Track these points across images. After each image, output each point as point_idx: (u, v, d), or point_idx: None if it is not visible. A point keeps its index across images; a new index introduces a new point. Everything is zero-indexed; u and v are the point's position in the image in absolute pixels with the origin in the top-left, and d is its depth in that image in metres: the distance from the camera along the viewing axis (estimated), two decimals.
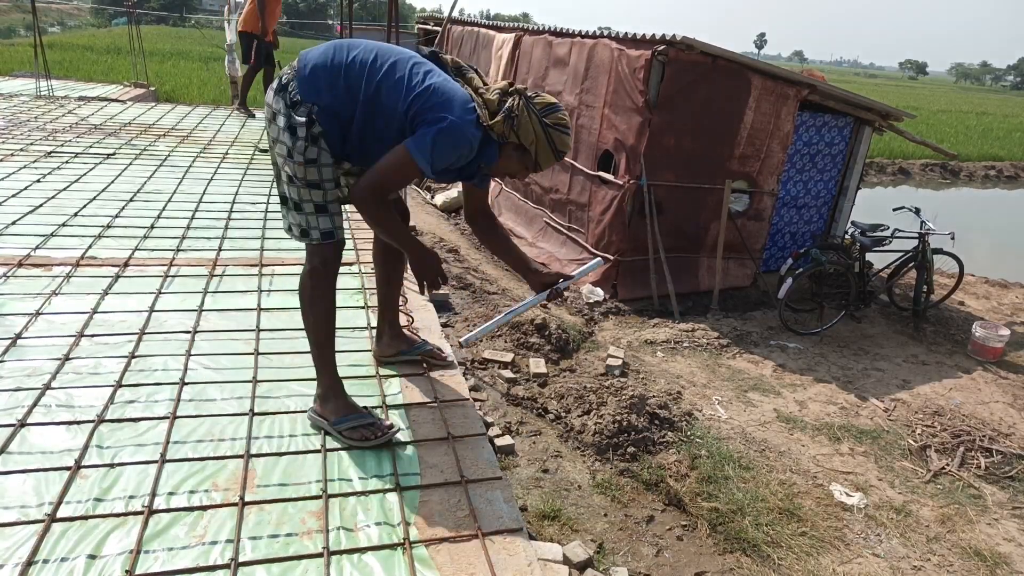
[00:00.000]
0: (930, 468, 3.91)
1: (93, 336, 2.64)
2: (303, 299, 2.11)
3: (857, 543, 3.25)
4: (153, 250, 3.58)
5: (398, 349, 2.60)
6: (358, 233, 4.03)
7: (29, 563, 1.59)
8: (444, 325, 3.07)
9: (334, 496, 1.90)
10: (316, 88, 1.93)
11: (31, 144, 5.55)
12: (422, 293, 2.22)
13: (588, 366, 4.74)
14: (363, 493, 1.92)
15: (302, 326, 2.83)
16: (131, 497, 1.83)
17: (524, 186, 7.58)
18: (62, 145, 5.60)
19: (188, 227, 3.93)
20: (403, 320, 2.96)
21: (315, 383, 2.43)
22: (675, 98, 5.62)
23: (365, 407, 2.21)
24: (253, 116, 7.86)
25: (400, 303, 3.14)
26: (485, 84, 2.06)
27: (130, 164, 5.20)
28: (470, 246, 7.28)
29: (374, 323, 2.99)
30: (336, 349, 2.18)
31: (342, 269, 2.88)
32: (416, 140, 1.90)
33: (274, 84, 2.00)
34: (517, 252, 2.41)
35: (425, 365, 2.62)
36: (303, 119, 1.92)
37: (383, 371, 2.60)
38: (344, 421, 2.12)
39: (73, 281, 3.12)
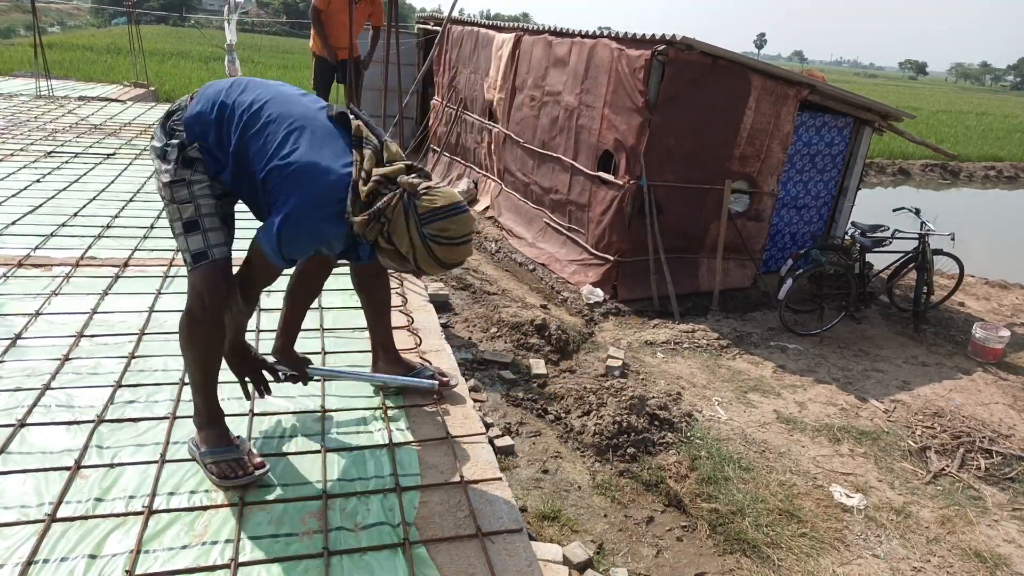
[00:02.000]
0: (930, 469, 3.91)
1: (93, 336, 2.64)
2: (180, 335, 1.88)
3: (857, 544, 3.25)
4: (153, 250, 3.57)
5: (397, 375, 2.41)
6: None
7: (29, 563, 1.59)
8: (444, 325, 3.06)
9: (334, 496, 1.90)
10: (203, 131, 1.79)
11: (31, 144, 5.55)
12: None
13: (588, 367, 4.74)
14: (363, 493, 1.92)
15: (301, 326, 2.85)
16: (131, 497, 1.83)
17: (524, 186, 7.58)
18: (62, 145, 5.60)
19: None
20: (403, 320, 2.95)
21: (317, 383, 2.44)
22: (675, 98, 5.62)
23: (239, 439, 1.98)
24: None
25: (401, 303, 3.14)
26: (386, 161, 1.74)
27: (130, 164, 5.20)
28: None
29: None
30: (336, 350, 2.17)
31: (341, 268, 2.87)
32: (265, 231, 1.72)
33: (161, 115, 1.88)
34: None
35: (436, 396, 2.41)
36: (175, 141, 1.79)
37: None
38: (211, 453, 1.90)
39: (73, 281, 3.12)
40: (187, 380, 1.99)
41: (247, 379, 2.12)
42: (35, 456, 1.96)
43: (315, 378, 2.30)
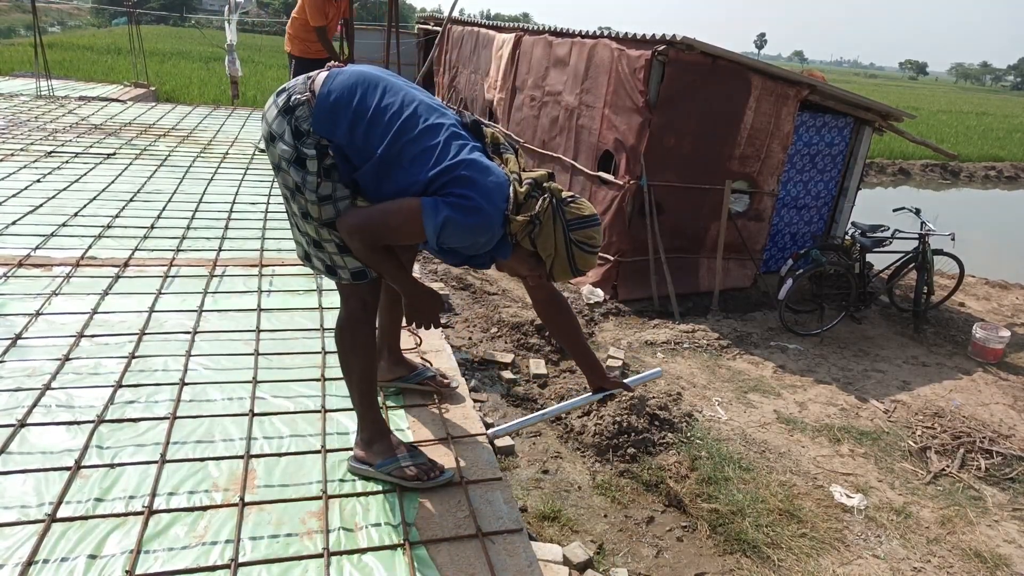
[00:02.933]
0: (930, 469, 3.91)
1: (93, 336, 2.64)
2: (342, 346, 1.89)
3: (857, 544, 3.25)
4: (153, 250, 3.57)
5: (398, 375, 2.39)
6: None
7: (29, 563, 1.59)
8: (444, 326, 3.06)
9: (334, 496, 1.90)
10: (333, 124, 1.67)
11: (31, 144, 5.55)
12: (410, 330, 2.05)
13: None
14: (363, 494, 1.92)
15: (302, 326, 2.86)
16: (131, 497, 1.83)
17: None
18: (62, 145, 5.60)
19: (188, 227, 3.93)
20: (403, 320, 2.95)
21: (318, 383, 2.44)
22: (675, 98, 5.62)
23: (413, 444, 2.03)
24: None
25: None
26: (522, 168, 1.77)
27: (130, 164, 5.20)
28: None
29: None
30: (335, 349, 2.15)
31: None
32: (436, 205, 1.62)
33: (278, 101, 1.72)
34: (584, 347, 2.20)
35: (436, 397, 2.40)
36: (312, 151, 1.66)
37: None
38: (392, 462, 1.91)
39: (73, 281, 3.12)
40: (350, 395, 1.95)
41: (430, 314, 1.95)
42: (35, 456, 1.96)
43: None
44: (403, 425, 2.27)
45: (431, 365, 2.54)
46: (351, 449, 2.11)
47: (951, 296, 6.51)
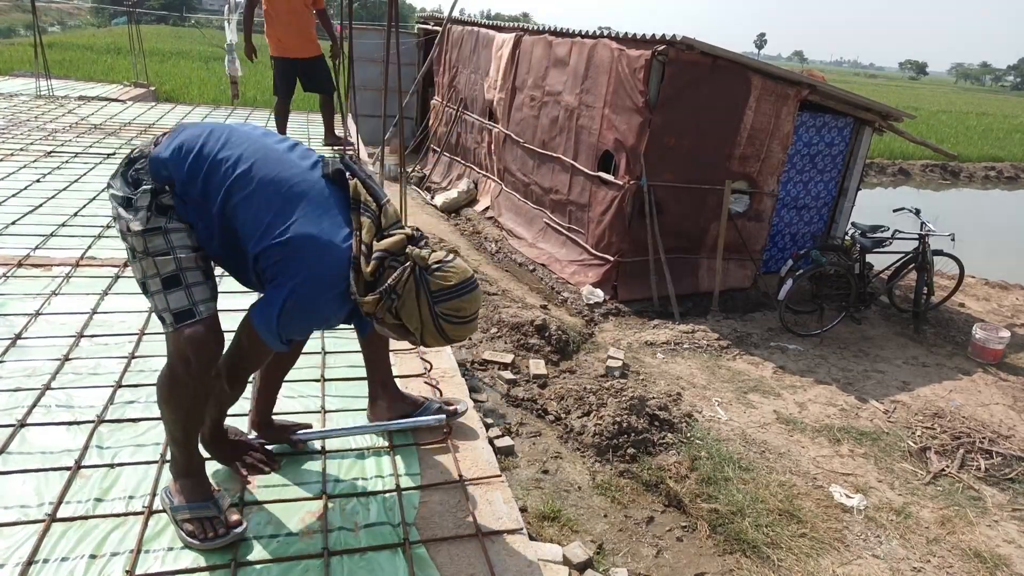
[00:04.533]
0: (930, 470, 3.91)
1: (93, 336, 2.64)
2: (160, 398, 1.67)
3: (857, 544, 3.25)
4: None
5: (402, 412, 2.18)
6: None
7: (29, 563, 1.59)
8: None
9: (334, 496, 1.90)
10: (176, 166, 1.57)
11: (31, 144, 5.55)
12: (241, 477, 1.88)
13: (588, 367, 4.74)
14: (363, 494, 1.92)
15: None
16: (131, 497, 1.83)
17: (524, 186, 7.58)
18: (62, 145, 5.60)
19: None
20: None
21: (317, 384, 2.44)
22: (675, 98, 5.62)
23: (218, 492, 1.77)
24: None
25: None
26: (385, 227, 1.61)
27: None
28: (470, 247, 7.29)
29: None
30: (338, 350, 2.13)
31: None
32: (260, 314, 1.57)
33: (119, 169, 1.63)
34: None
35: (445, 431, 2.22)
36: (147, 186, 1.56)
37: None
38: (186, 508, 1.69)
39: (73, 281, 3.12)
40: (165, 433, 1.79)
41: (237, 463, 1.93)
42: (35, 456, 1.96)
43: (310, 443, 2.10)
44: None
45: (435, 397, 2.37)
46: (351, 449, 2.11)
47: (951, 296, 6.51)
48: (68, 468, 1.90)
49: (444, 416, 2.22)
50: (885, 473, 3.85)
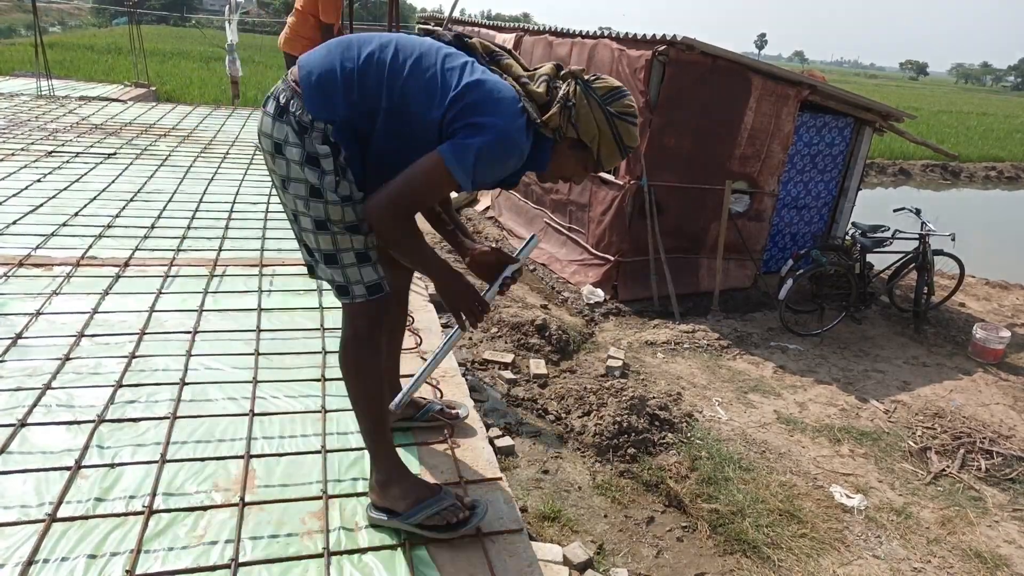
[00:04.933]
0: (930, 470, 3.91)
1: (93, 336, 2.64)
2: (347, 371, 1.72)
3: (857, 545, 3.24)
4: (153, 250, 3.57)
5: (405, 416, 2.16)
6: None
7: (29, 563, 1.59)
8: (444, 325, 3.05)
9: (334, 497, 1.90)
10: (328, 100, 1.53)
11: (32, 144, 5.55)
12: (462, 329, 1.79)
13: (588, 367, 4.74)
14: (363, 494, 1.91)
15: (302, 326, 2.86)
16: (131, 497, 1.83)
17: (524, 186, 7.58)
18: (63, 145, 5.60)
19: (188, 227, 3.93)
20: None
21: (318, 383, 2.44)
22: (675, 98, 5.62)
23: (438, 484, 1.84)
24: None
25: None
26: (527, 71, 1.67)
27: (131, 164, 5.20)
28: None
29: None
30: (338, 350, 2.11)
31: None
32: (455, 149, 1.51)
33: (267, 109, 1.59)
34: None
35: (447, 432, 2.21)
36: (324, 147, 1.53)
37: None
38: (420, 510, 1.73)
39: (73, 281, 3.12)
40: (360, 429, 1.79)
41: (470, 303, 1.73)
42: (35, 456, 1.96)
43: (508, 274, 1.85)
44: (403, 426, 2.26)
45: (437, 398, 2.34)
46: (351, 449, 2.11)
47: (951, 296, 6.51)
48: (68, 468, 1.90)
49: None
50: (885, 473, 3.85)
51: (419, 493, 1.75)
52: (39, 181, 4.54)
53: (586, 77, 1.62)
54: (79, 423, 2.11)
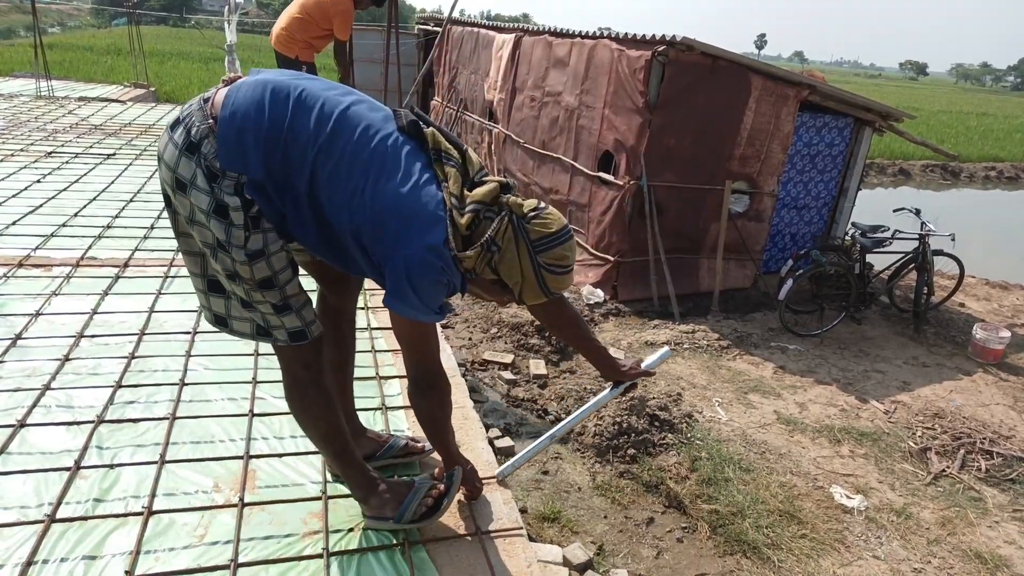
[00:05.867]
0: (931, 470, 3.91)
1: (93, 337, 2.64)
2: (296, 415, 1.69)
3: (857, 545, 3.24)
4: (153, 250, 3.57)
5: (362, 453, 1.93)
6: None
7: (29, 563, 1.59)
8: (444, 325, 3.05)
9: (334, 497, 1.90)
10: (243, 155, 1.37)
11: (31, 144, 5.55)
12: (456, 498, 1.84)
13: (588, 368, 4.74)
14: None
15: None
16: (131, 498, 1.83)
17: (524, 187, 7.58)
18: (62, 145, 5.60)
19: None
20: None
21: None
22: (675, 99, 5.62)
23: (412, 478, 1.84)
24: None
25: None
26: (472, 176, 1.52)
27: (130, 164, 5.20)
28: None
29: (375, 323, 2.99)
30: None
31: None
32: (398, 300, 1.44)
33: (174, 137, 1.40)
34: (591, 340, 1.96)
35: (417, 462, 2.09)
36: (235, 198, 1.37)
37: (383, 371, 2.59)
38: (405, 508, 1.73)
39: (73, 281, 3.12)
40: (325, 460, 1.82)
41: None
42: (35, 457, 1.95)
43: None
44: (403, 427, 2.26)
45: (399, 434, 2.14)
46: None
47: (951, 297, 6.51)
48: (68, 468, 1.90)
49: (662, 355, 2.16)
50: (886, 474, 3.85)
51: (398, 494, 1.76)
52: (39, 182, 4.54)
53: (527, 212, 1.45)
54: (78, 424, 2.11)
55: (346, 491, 1.92)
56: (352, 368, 2.01)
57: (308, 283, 1.67)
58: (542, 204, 1.52)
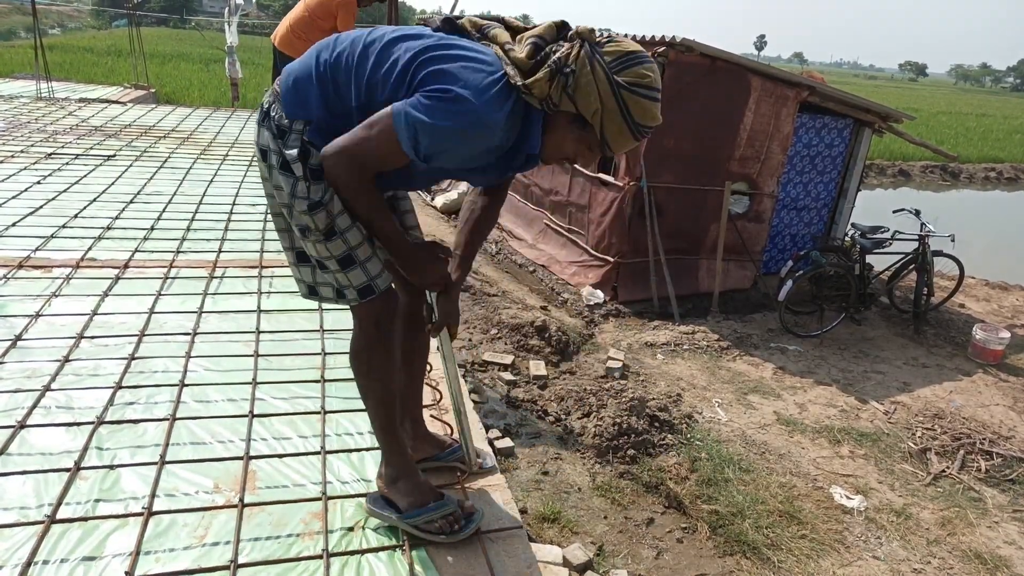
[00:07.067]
0: (930, 471, 3.91)
1: (93, 338, 2.64)
2: (357, 371, 1.70)
3: (857, 546, 3.24)
4: (153, 252, 3.58)
5: (426, 454, 1.98)
6: None
7: (29, 564, 1.59)
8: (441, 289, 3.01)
9: (334, 498, 1.90)
10: (303, 100, 1.50)
11: (31, 146, 5.55)
12: (429, 324, 1.73)
13: (588, 368, 4.74)
14: (363, 495, 1.91)
15: (302, 327, 2.86)
16: (131, 498, 1.83)
17: (524, 188, 7.58)
18: (62, 147, 5.60)
19: (188, 229, 3.93)
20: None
21: (318, 384, 2.44)
22: (675, 100, 5.62)
23: (443, 490, 1.82)
24: None
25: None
26: (519, 36, 1.47)
27: (130, 166, 5.20)
28: None
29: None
30: (338, 351, 2.13)
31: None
32: (401, 109, 1.38)
33: (257, 116, 1.60)
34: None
35: (459, 474, 2.02)
36: (293, 150, 1.49)
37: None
38: (420, 513, 1.72)
39: (73, 283, 3.12)
40: (372, 427, 1.78)
41: (433, 292, 1.70)
42: (35, 457, 1.96)
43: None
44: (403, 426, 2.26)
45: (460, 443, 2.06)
46: (351, 450, 2.10)
47: (951, 297, 6.51)
48: (68, 469, 1.90)
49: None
50: (885, 474, 3.85)
51: (423, 496, 1.75)
52: (39, 183, 4.54)
53: (598, 39, 1.37)
54: (78, 424, 2.11)
55: (346, 492, 1.92)
56: (422, 370, 2.03)
57: None
58: (614, 35, 1.45)
